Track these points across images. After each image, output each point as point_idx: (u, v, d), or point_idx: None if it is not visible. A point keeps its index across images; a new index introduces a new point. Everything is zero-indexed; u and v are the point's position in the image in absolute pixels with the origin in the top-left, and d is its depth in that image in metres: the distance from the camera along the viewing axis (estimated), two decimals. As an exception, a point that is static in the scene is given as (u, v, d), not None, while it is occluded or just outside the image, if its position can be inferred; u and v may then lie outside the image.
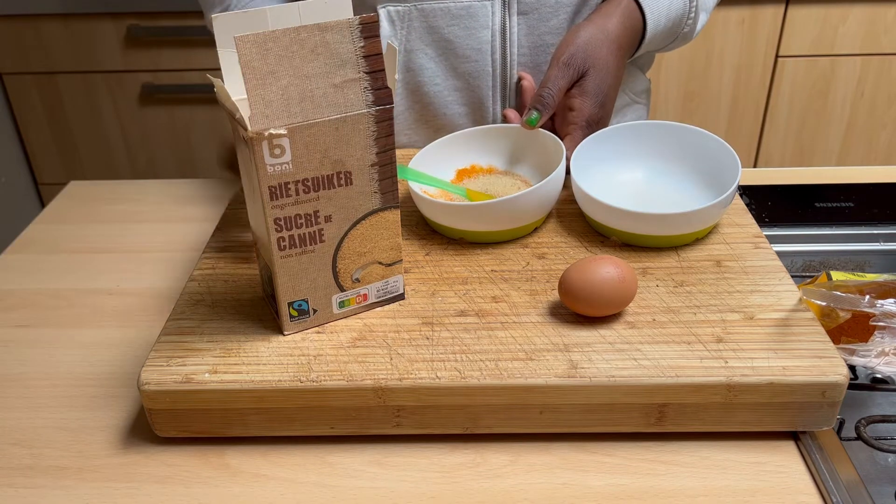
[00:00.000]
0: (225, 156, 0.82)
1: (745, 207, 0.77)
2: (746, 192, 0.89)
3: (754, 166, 1.81)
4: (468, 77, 0.88)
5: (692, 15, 0.85)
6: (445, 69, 0.88)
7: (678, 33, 0.87)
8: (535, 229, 0.75)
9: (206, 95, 1.72)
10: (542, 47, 0.87)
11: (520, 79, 0.87)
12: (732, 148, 0.74)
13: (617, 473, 0.58)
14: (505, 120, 0.85)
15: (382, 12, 0.85)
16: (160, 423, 0.60)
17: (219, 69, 0.59)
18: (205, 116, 1.75)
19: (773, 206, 0.88)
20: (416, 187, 0.74)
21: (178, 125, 1.77)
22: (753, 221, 0.75)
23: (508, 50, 0.86)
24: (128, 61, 1.69)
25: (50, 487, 0.59)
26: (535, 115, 0.77)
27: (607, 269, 0.61)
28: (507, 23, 0.85)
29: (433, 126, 0.92)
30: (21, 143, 1.82)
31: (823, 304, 0.62)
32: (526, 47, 0.87)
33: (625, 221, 0.70)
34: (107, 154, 1.82)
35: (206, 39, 1.65)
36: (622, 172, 0.80)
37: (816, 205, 0.89)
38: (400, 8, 0.85)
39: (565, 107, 0.80)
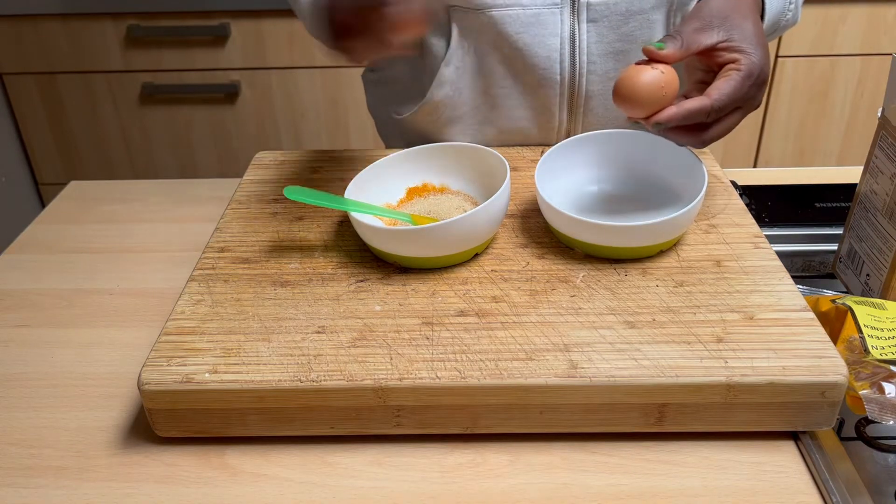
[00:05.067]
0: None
1: (745, 207, 0.77)
2: (746, 192, 0.89)
3: (754, 166, 1.81)
4: (535, 85, 0.86)
5: (791, 7, 0.81)
6: (514, 75, 0.86)
7: (778, 27, 0.83)
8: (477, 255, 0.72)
9: (207, 95, 1.72)
10: (613, 55, 0.85)
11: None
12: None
13: (617, 473, 0.58)
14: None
15: (453, 14, 0.83)
16: (160, 423, 0.60)
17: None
18: (205, 116, 1.75)
19: (773, 206, 0.88)
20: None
21: (178, 125, 1.77)
22: (753, 221, 0.75)
23: (578, 58, 0.84)
24: (128, 61, 1.69)
25: (50, 487, 0.59)
26: (660, 44, 0.68)
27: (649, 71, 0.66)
28: (577, 30, 0.83)
29: (497, 127, 0.91)
30: (21, 143, 1.82)
31: None
32: (596, 55, 0.84)
33: (587, 233, 0.69)
34: (107, 154, 1.82)
35: (207, 39, 1.65)
36: (589, 183, 0.78)
37: (816, 205, 0.89)
38: (469, 13, 0.83)
39: (715, 63, 0.70)
